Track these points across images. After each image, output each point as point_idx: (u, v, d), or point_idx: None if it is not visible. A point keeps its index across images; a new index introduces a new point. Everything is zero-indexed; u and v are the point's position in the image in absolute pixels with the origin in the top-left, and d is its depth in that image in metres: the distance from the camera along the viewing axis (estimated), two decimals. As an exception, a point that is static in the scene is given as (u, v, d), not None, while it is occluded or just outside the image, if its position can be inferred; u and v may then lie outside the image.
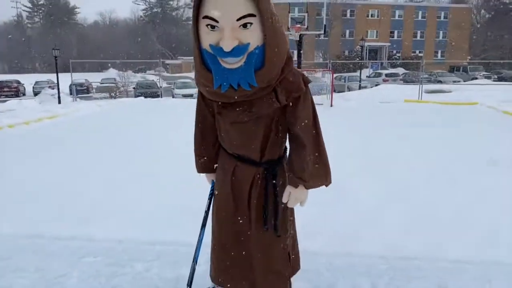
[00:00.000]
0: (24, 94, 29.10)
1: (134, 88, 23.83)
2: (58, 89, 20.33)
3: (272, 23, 1.48)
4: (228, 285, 1.95)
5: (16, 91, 28.68)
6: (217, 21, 1.44)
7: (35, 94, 26.32)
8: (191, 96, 19.23)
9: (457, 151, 6.12)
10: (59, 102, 18.57)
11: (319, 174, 1.74)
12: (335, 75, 20.13)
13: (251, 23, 1.45)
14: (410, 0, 65.01)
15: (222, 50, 1.45)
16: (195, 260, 2.01)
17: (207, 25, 1.46)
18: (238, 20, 1.43)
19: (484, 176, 4.71)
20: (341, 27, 47.26)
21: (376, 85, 25.73)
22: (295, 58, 22.77)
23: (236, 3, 1.42)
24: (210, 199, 2.02)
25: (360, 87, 24.89)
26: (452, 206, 3.72)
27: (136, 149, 6.33)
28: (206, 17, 1.45)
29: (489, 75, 32.58)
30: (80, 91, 24.43)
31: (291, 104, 1.66)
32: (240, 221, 1.84)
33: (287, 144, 1.84)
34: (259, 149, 1.75)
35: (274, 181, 1.80)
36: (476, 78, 30.55)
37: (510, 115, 10.38)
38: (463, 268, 2.61)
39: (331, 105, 13.21)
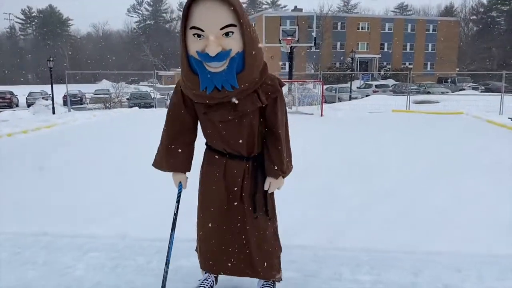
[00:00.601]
0: (17, 105, 29.20)
1: (127, 99, 24.04)
2: (53, 100, 20.49)
3: (250, 33, 1.75)
4: (228, 272, 2.15)
5: (10, 102, 28.80)
6: (203, 31, 1.69)
7: (29, 105, 26.44)
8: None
9: (441, 157, 6.41)
10: (53, 113, 18.72)
11: (290, 162, 2.08)
12: (326, 86, 20.53)
13: (232, 32, 1.71)
14: (399, 13, 66.05)
15: (207, 55, 1.70)
16: (167, 263, 2.09)
17: (193, 34, 1.72)
18: (221, 29, 1.69)
19: (466, 179, 4.96)
20: (332, 39, 48.02)
21: (367, 96, 26.21)
22: (287, 69, 23.18)
23: (220, 15, 1.67)
24: (178, 201, 2.13)
25: (350, 98, 25.34)
26: (433, 207, 3.97)
27: (134, 154, 6.52)
28: (193, 27, 1.71)
29: (476, 86, 33.26)
30: (74, 102, 24.65)
31: (270, 103, 1.93)
32: (235, 213, 2.05)
33: None
34: (246, 144, 1.99)
35: (262, 172, 2.04)
36: (464, 89, 31.19)
37: (494, 124, 10.73)
38: (436, 259, 2.85)
39: (321, 115, 13.51)
